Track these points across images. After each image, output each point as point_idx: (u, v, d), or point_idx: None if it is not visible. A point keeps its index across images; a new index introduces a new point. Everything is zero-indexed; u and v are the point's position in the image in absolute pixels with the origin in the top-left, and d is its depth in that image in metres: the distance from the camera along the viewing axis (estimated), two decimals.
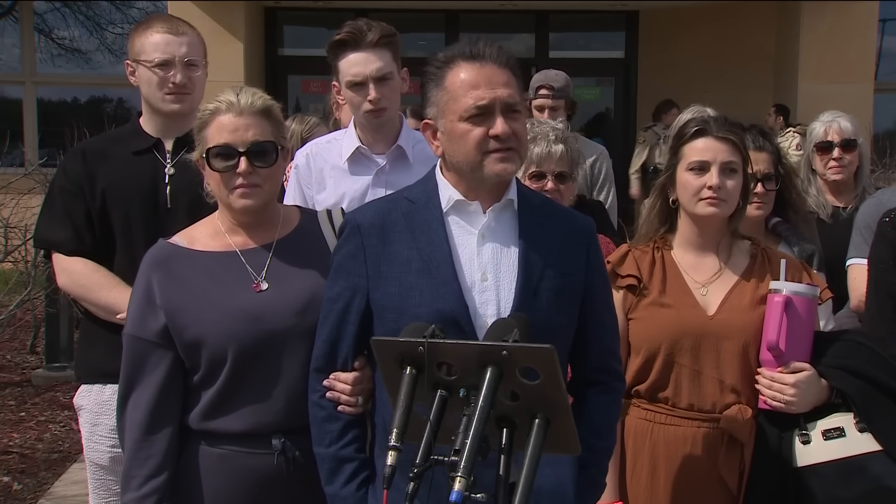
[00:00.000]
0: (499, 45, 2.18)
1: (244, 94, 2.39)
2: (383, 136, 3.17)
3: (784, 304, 2.52)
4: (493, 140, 2.11)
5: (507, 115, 2.12)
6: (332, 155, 3.22)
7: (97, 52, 13.65)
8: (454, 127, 2.13)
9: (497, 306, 2.13)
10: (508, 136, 2.11)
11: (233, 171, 2.35)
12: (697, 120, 2.66)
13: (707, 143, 2.61)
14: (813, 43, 10.93)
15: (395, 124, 3.20)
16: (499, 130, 2.10)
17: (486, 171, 2.13)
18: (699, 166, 2.60)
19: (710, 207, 2.59)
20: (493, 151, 2.11)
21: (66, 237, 2.98)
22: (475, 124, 2.11)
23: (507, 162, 2.13)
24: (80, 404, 3.07)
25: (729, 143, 2.60)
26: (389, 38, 3.08)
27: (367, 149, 3.17)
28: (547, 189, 2.98)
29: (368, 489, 2.22)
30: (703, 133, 2.62)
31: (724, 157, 2.59)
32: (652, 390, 2.63)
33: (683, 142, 2.65)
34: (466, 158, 2.14)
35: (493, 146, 2.11)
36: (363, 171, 3.17)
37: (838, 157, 3.99)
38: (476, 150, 2.11)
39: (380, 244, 2.18)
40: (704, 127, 2.62)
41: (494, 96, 2.10)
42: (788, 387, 2.52)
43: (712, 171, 2.58)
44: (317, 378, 2.27)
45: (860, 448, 2.51)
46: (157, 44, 2.97)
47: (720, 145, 2.60)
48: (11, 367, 7.41)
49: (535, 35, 12.65)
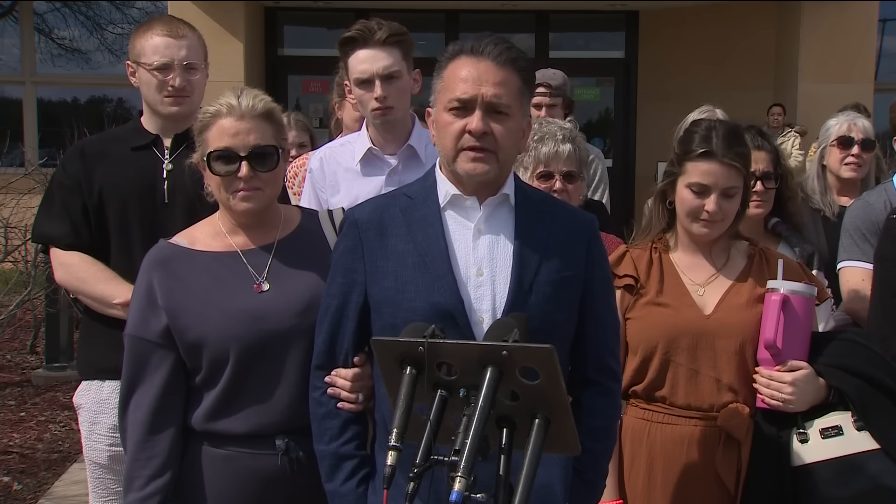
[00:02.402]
0: (508, 44, 2.15)
1: (245, 97, 2.38)
2: (394, 137, 3.16)
3: (781, 303, 2.52)
4: (467, 136, 2.10)
5: (491, 115, 2.10)
6: (344, 157, 3.23)
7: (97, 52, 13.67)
8: (440, 116, 2.15)
9: (492, 301, 2.13)
10: (482, 135, 2.09)
11: (234, 175, 2.35)
12: (703, 135, 2.59)
13: (711, 168, 2.56)
14: (813, 43, 10.94)
15: (407, 124, 3.19)
16: (472, 126, 2.08)
17: (458, 166, 2.13)
18: (699, 189, 2.58)
19: (703, 229, 2.61)
20: (468, 149, 2.10)
21: (63, 232, 2.99)
22: (457, 117, 2.11)
23: (478, 162, 2.11)
24: (79, 403, 3.08)
25: (733, 169, 2.56)
26: (399, 38, 3.07)
27: (379, 150, 3.17)
28: (555, 189, 2.96)
29: (368, 486, 2.22)
30: (710, 156, 2.56)
31: (726, 183, 2.56)
32: (649, 390, 2.63)
33: (689, 158, 2.60)
34: (444, 150, 2.15)
35: (467, 143, 2.10)
36: (376, 171, 3.16)
37: (857, 153, 3.95)
38: (452, 143, 2.12)
39: (377, 239, 2.19)
40: (711, 148, 2.56)
41: (478, 92, 2.09)
42: (786, 385, 2.52)
43: (712, 196, 2.56)
44: (317, 375, 2.27)
45: (858, 447, 2.52)
46: (156, 47, 2.98)
47: (724, 170, 2.55)
48: (11, 367, 7.41)
49: (535, 35, 12.65)
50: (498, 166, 2.13)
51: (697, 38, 12.04)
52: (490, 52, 2.11)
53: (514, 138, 2.16)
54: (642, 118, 12.46)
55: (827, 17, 10.84)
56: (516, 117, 2.14)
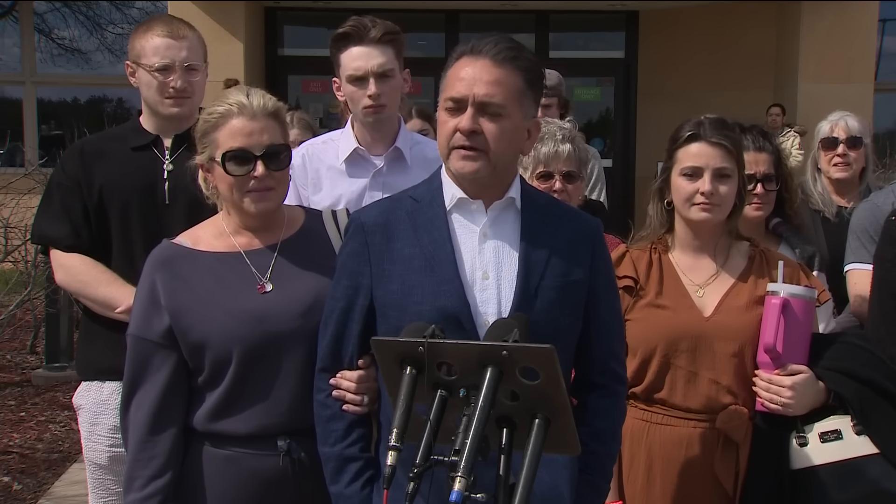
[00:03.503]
0: (512, 44, 2.14)
1: (255, 96, 2.36)
2: (381, 137, 3.14)
3: (781, 307, 2.52)
4: (458, 134, 2.09)
5: (483, 114, 2.09)
6: (328, 156, 3.19)
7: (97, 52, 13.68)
8: (439, 115, 2.16)
9: (498, 305, 2.13)
10: (470, 133, 2.08)
11: (247, 176, 2.33)
12: (691, 124, 2.66)
13: (700, 149, 2.60)
14: (813, 43, 10.94)
15: (394, 125, 3.17)
16: (460, 124, 2.08)
17: (451, 164, 2.14)
18: (691, 172, 2.60)
19: (702, 213, 2.60)
20: (459, 147, 2.10)
21: (63, 233, 2.98)
22: (450, 116, 2.11)
23: (467, 161, 2.10)
24: (79, 403, 3.07)
25: (722, 149, 2.59)
26: (393, 36, 3.06)
27: (365, 150, 3.14)
28: (555, 189, 2.96)
29: (373, 488, 2.21)
30: (696, 138, 2.61)
31: (717, 163, 2.59)
32: (648, 391, 2.63)
33: (677, 146, 2.65)
34: (440, 149, 2.16)
35: (458, 141, 2.10)
36: (360, 172, 3.14)
37: (843, 153, 3.97)
38: (445, 142, 2.12)
39: (383, 242, 2.18)
40: (697, 131, 2.62)
41: (469, 92, 2.08)
42: (785, 389, 2.51)
43: (705, 177, 2.58)
44: (322, 377, 2.26)
45: (857, 451, 2.51)
46: (157, 48, 2.96)
47: (713, 150, 2.59)
48: (11, 367, 7.41)
49: (535, 35, 12.65)
50: (489, 166, 2.11)
51: (697, 38, 12.05)
52: (488, 50, 2.10)
53: (510, 139, 2.12)
54: (642, 118, 12.46)
55: (827, 17, 10.84)
56: (513, 117, 2.11)
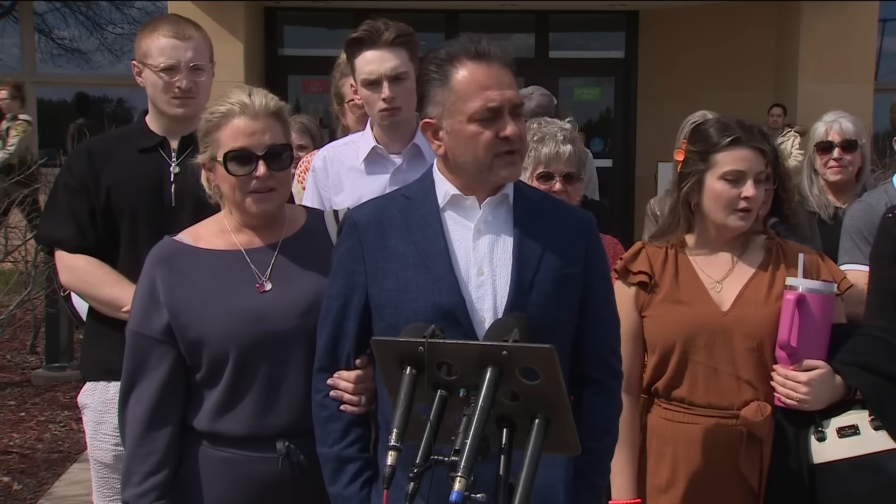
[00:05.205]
0: (499, 43, 2.17)
1: (257, 96, 2.36)
2: (399, 136, 3.16)
3: (796, 302, 2.50)
4: (502, 142, 2.11)
5: (514, 116, 2.13)
6: (348, 157, 3.22)
7: (97, 52, 13.67)
8: (463, 128, 2.12)
9: (493, 300, 2.13)
10: (517, 139, 2.13)
11: (249, 176, 2.33)
12: (725, 127, 2.62)
13: (744, 153, 2.57)
14: (813, 43, 10.93)
15: (412, 124, 3.18)
16: (509, 132, 2.10)
17: (495, 174, 2.14)
18: (735, 177, 2.57)
19: (740, 221, 2.59)
20: (505, 154, 2.12)
21: (69, 235, 2.98)
22: (485, 126, 2.10)
23: (515, 166, 2.17)
24: (85, 402, 3.07)
25: (761, 153, 2.59)
26: (406, 38, 3.07)
27: (384, 149, 3.17)
28: (555, 190, 2.96)
29: (372, 489, 2.21)
30: (739, 142, 2.58)
31: (758, 168, 2.58)
32: (668, 388, 2.62)
33: (716, 150, 2.59)
34: (475, 160, 2.13)
35: (503, 148, 2.12)
36: (380, 170, 3.16)
37: (838, 157, 3.98)
38: (487, 153, 2.12)
39: (377, 240, 2.19)
40: (739, 136, 2.58)
41: (504, 98, 2.10)
42: (801, 385, 2.50)
43: (749, 182, 2.56)
44: (320, 378, 2.26)
45: (875, 446, 2.50)
46: (163, 48, 2.97)
47: (755, 155, 2.57)
48: (11, 367, 7.41)
49: (534, 35, 12.64)
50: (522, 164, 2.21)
51: (697, 38, 12.03)
52: (495, 53, 2.13)
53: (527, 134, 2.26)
54: (642, 118, 12.44)
55: (827, 17, 10.83)
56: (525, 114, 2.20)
